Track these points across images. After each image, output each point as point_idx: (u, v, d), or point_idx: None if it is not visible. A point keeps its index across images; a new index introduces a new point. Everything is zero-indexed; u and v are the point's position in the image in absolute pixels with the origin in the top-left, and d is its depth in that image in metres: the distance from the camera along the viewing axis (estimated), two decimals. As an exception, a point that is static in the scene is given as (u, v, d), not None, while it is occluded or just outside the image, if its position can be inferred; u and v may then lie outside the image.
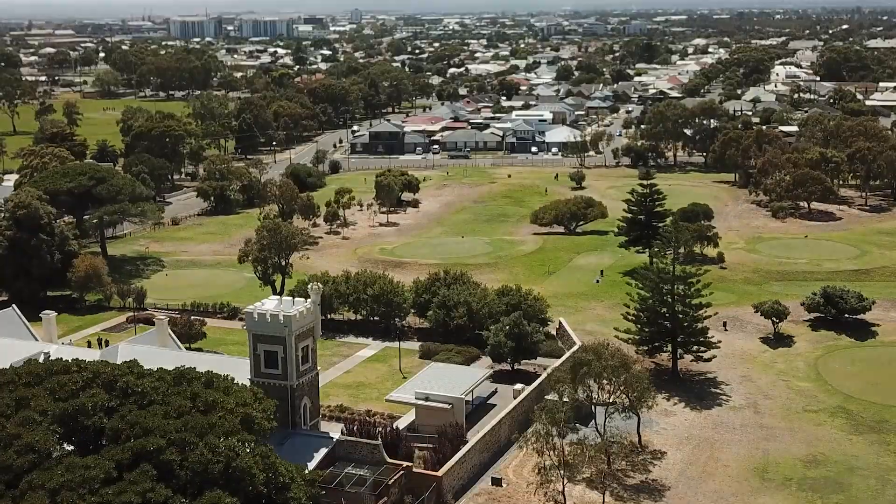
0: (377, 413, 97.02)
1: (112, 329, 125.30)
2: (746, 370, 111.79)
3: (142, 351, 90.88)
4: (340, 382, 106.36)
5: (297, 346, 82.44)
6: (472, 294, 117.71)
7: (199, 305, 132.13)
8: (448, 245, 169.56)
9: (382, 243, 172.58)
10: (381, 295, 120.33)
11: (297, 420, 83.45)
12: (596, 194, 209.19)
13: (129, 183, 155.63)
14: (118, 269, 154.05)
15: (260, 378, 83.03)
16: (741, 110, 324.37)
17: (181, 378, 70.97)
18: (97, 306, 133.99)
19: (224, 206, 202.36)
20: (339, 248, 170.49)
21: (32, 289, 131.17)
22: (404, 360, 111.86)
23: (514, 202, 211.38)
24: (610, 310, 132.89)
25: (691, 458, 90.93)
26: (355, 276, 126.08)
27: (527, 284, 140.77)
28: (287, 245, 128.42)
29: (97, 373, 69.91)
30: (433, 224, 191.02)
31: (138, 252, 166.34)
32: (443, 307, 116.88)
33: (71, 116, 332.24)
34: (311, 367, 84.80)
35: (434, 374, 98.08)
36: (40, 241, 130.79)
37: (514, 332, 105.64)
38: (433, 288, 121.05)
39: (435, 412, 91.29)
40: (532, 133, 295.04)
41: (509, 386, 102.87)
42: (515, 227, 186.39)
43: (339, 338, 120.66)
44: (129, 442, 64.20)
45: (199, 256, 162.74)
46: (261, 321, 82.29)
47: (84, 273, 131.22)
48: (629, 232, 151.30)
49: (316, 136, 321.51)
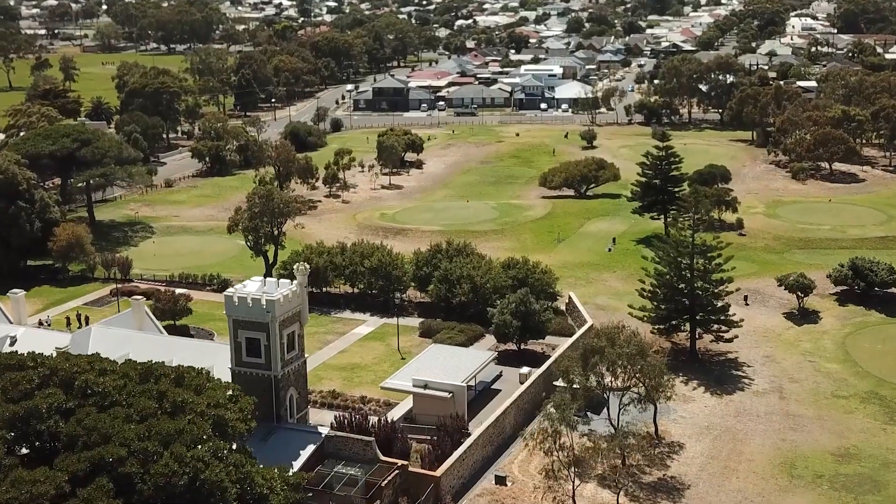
0: (372, 400, 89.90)
1: (94, 303, 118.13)
2: (770, 350, 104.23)
3: (116, 335, 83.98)
4: (334, 364, 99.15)
5: (282, 333, 75.19)
6: (475, 267, 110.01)
7: (188, 277, 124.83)
8: (452, 210, 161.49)
9: (383, 208, 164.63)
10: (380, 267, 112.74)
11: (283, 413, 76.37)
12: (607, 154, 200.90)
13: (116, 145, 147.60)
14: (105, 236, 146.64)
15: (241, 367, 75.95)
16: (757, 64, 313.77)
17: (148, 374, 63.72)
18: (80, 277, 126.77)
19: (220, 167, 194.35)
20: (338, 212, 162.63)
21: (11, 259, 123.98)
22: (403, 338, 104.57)
23: (523, 163, 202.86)
24: (623, 281, 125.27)
25: (712, 452, 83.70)
26: (352, 247, 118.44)
27: (534, 253, 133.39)
28: (280, 213, 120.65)
29: (54, 369, 62.71)
30: (437, 186, 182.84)
31: (127, 217, 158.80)
32: (444, 281, 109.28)
33: (68, 72, 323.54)
34: (298, 354, 77.54)
35: (434, 358, 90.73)
36: (19, 208, 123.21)
37: (521, 310, 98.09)
38: (434, 260, 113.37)
39: (434, 401, 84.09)
40: (541, 89, 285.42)
41: (515, 369, 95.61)
42: (523, 189, 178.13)
43: (335, 313, 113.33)
44: (86, 451, 57.12)
45: (191, 222, 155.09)
46: (241, 306, 74.91)
47: (66, 242, 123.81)
48: (643, 197, 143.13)
49: (318, 92, 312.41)
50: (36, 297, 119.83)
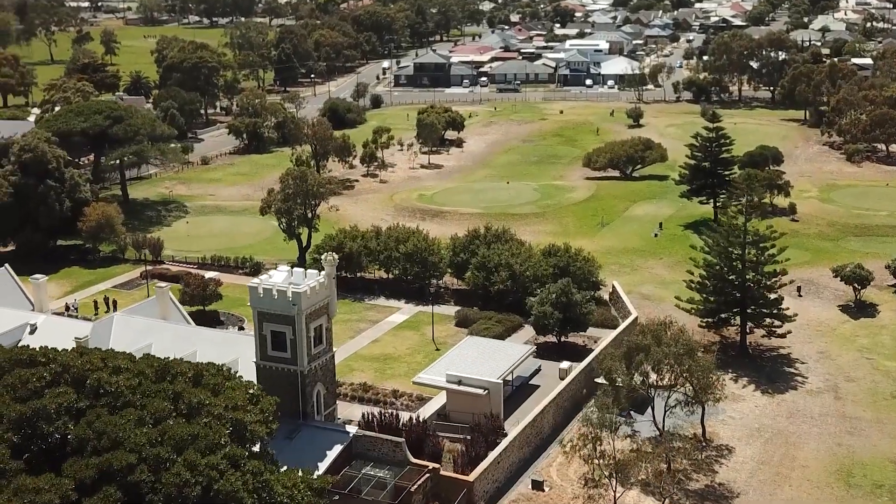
0: (404, 394, 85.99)
1: (124, 286, 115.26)
2: (824, 345, 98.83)
3: (138, 324, 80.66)
4: (367, 354, 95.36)
5: (309, 327, 71.44)
6: (514, 254, 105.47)
7: (219, 259, 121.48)
8: (492, 191, 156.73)
9: (422, 188, 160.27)
10: (415, 253, 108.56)
11: (309, 410, 72.73)
12: (654, 133, 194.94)
13: (149, 122, 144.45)
14: (138, 215, 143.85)
15: (266, 361, 72.37)
16: (809, 40, 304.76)
17: (164, 373, 60.13)
18: (111, 258, 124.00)
19: (257, 144, 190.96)
20: (375, 193, 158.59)
21: (39, 239, 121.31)
22: (439, 327, 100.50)
23: (566, 141, 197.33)
24: (669, 269, 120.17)
25: (763, 456, 78.82)
26: (387, 232, 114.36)
27: (577, 238, 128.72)
28: (314, 195, 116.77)
29: (66, 366, 59.25)
30: (477, 166, 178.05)
31: (162, 196, 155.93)
32: (482, 269, 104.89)
33: (109, 45, 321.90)
34: (326, 349, 73.77)
35: (469, 351, 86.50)
36: (48, 187, 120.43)
37: (561, 301, 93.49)
38: (472, 246, 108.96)
39: (469, 398, 79.94)
40: (587, 64, 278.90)
41: (555, 363, 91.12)
42: (566, 170, 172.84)
43: (369, 300, 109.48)
44: (94, 457, 53.76)
45: (226, 201, 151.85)
46: (266, 298, 71.20)
47: (96, 223, 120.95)
48: (692, 180, 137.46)
49: (359, 66, 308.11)
50: (65, 278, 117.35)
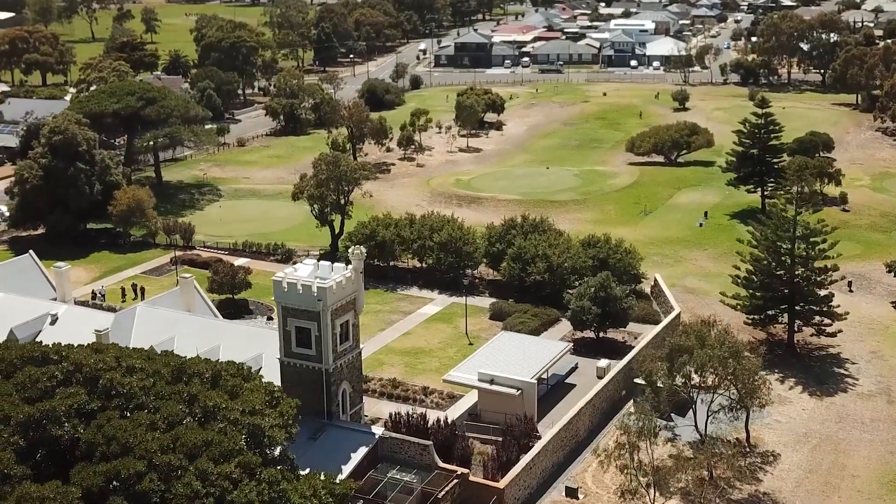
0: (434, 391, 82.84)
1: (153, 271, 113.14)
2: (877, 344, 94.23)
3: (161, 316, 78.14)
4: (397, 347, 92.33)
5: (335, 323, 68.41)
6: (552, 245, 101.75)
7: (251, 246, 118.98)
8: (531, 177, 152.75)
9: (459, 173, 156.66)
10: (449, 242, 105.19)
11: (334, 409, 69.83)
12: (701, 116, 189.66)
13: (183, 103, 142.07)
14: (171, 198, 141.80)
15: (290, 358, 69.54)
16: (862, 22, 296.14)
17: (181, 373, 57.44)
18: (141, 243, 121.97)
19: (294, 125, 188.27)
20: (411, 177, 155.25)
21: (69, 223, 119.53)
22: (472, 320, 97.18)
23: (609, 125, 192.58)
24: (714, 261, 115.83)
25: (811, 464, 74.77)
26: (421, 220, 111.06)
27: (618, 226, 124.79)
28: (347, 181, 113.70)
29: (79, 365, 56.81)
30: (517, 150, 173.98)
31: (196, 178, 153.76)
32: (518, 260, 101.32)
33: (149, 23, 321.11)
34: (353, 345, 70.80)
35: (503, 347, 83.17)
36: (78, 170, 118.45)
37: (600, 296, 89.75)
38: (508, 236, 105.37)
39: (501, 398, 76.67)
40: (632, 45, 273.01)
41: (593, 361, 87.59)
42: (608, 155, 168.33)
43: (401, 289, 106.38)
44: (103, 463, 51.23)
45: (260, 185, 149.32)
46: (291, 292, 68.25)
47: (126, 207, 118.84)
48: (739, 168, 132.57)
49: (399, 46, 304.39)
50: (94, 263, 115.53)
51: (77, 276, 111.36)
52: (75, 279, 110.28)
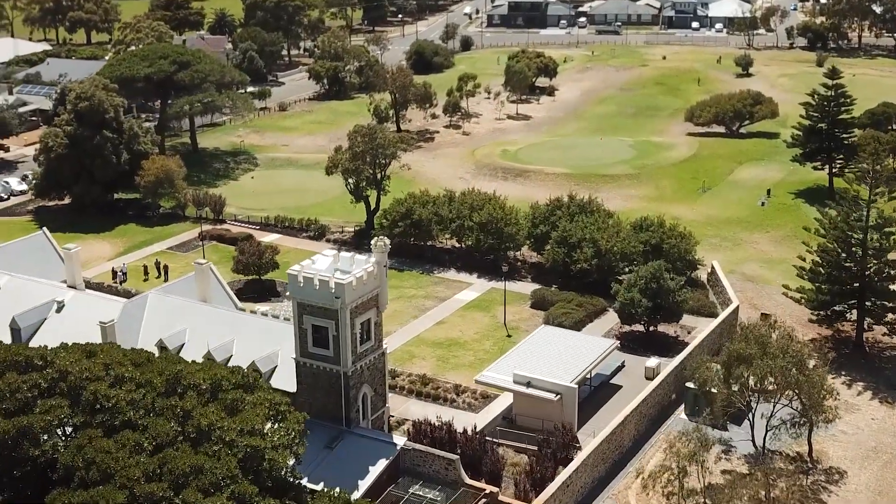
0: (466, 390, 76.43)
1: (180, 247, 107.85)
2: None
3: (173, 306, 72.66)
4: (430, 338, 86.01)
5: (354, 322, 62.37)
6: (600, 228, 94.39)
7: (283, 221, 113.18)
8: (583, 148, 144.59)
9: (506, 142, 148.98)
10: (490, 222, 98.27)
11: (354, 415, 63.95)
12: (765, 83, 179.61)
13: (218, 68, 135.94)
14: (205, 167, 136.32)
15: (307, 359, 63.79)
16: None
17: (176, 383, 51.63)
18: (170, 215, 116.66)
19: (338, 89, 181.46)
20: (456, 146, 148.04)
21: (96, 193, 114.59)
22: (512, 308, 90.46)
23: (667, 91, 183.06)
24: (776, 245, 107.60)
25: (880, 484, 67.39)
26: (460, 197, 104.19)
27: (674, 204, 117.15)
28: (384, 154, 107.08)
29: (64, 372, 51.40)
30: (569, 118, 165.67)
31: (233, 145, 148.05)
32: (563, 244, 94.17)
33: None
34: (374, 346, 64.72)
35: (543, 343, 76.41)
36: (104, 138, 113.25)
37: (652, 287, 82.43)
38: (553, 218, 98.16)
39: (538, 403, 70.11)
40: (693, 5, 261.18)
41: (641, 359, 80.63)
42: (666, 124, 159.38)
43: (438, 272, 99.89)
44: (81, 490, 45.78)
45: (299, 153, 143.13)
46: (307, 287, 62.26)
47: (154, 177, 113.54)
48: (806, 143, 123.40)
49: (451, 4, 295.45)
50: (119, 237, 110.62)
51: (101, 251, 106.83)
52: (98, 254, 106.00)
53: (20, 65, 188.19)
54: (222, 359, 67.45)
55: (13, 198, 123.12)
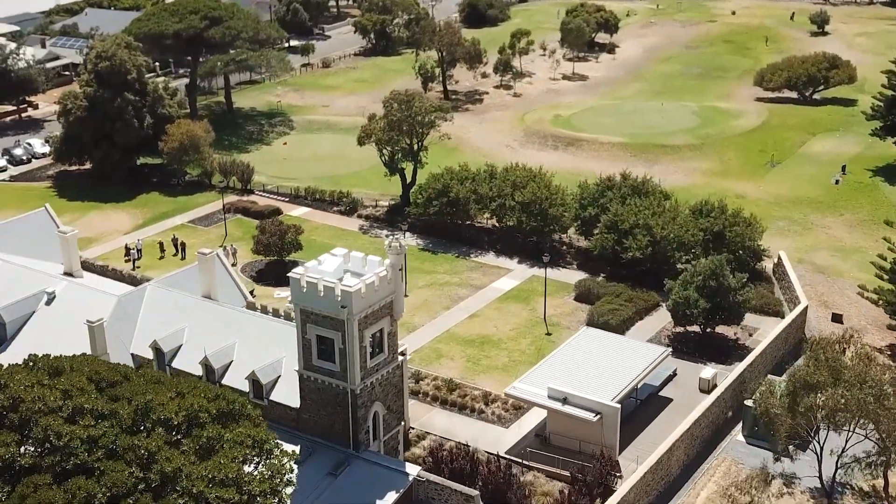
0: (497, 399, 68.47)
1: (203, 220, 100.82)
2: None
3: (172, 301, 65.57)
4: (461, 334, 78.05)
5: (363, 334, 54.56)
6: (655, 212, 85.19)
7: (314, 193, 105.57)
8: (642, 113, 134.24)
9: (560, 106, 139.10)
10: (533, 203, 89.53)
11: (363, 437, 56.44)
12: (841, 43, 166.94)
13: (252, 24, 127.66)
14: (238, 129, 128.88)
15: (311, 372, 56.30)
16: None
17: (144, 416, 44.46)
18: (196, 184, 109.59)
19: (385, 44, 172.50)
20: (505, 109, 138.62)
21: (117, 158, 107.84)
22: (554, 300, 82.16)
23: (736, 50, 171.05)
24: (851, 230, 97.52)
25: (969, 529, 58.31)
26: (502, 174, 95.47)
27: (739, 181, 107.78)
28: (421, 124, 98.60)
29: (16, 401, 44.46)
30: (629, 78, 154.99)
31: (269, 105, 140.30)
32: (613, 230, 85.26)
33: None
34: (388, 358, 56.98)
35: (584, 350, 68.02)
36: (125, 101, 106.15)
37: (710, 285, 73.41)
38: (602, 200, 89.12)
39: (575, 423, 62.00)
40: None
41: (695, 366, 72.08)
42: (733, 87, 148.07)
43: (475, 255, 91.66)
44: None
45: (337, 116, 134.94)
46: (311, 293, 54.57)
47: (178, 143, 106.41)
48: (888, 115, 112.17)
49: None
50: (140, 207, 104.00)
51: (118, 223, 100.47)
52: (116, 226, 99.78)
53: (60, 14, 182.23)
54: (221, 365, 60.45)
55: (35, 161, 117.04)
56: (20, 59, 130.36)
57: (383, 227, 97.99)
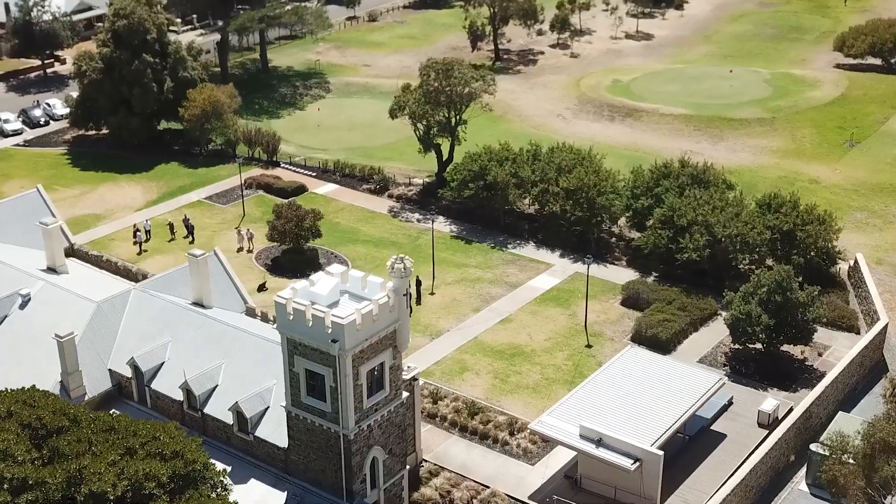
0: (524, 428, 59.91)
1: (221, 197, 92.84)
2: None
3: (157, 309, 58.03)
4: (490, 343, 69.49)
5: (359, 371, 46.37)
6: (716, 207, 75.23)
7: (343, 167, 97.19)
8: (709, 80, 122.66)
9: (619, 70, 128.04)
10: (580, 190, 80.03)
11: (357, 488, 48.46)
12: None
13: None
14: (270, 92, 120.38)
15: (299, 410, 48.38)
16: None
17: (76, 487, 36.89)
18: (219, 153, 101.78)
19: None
20: (560, 72, 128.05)
21: (136, 125, 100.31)
22: (598, 304, 73.18)
23: (815, 8, 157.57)
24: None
25: None
26: (547, 155, 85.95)
27: (813, 163, 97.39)
28: (460, 96, 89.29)
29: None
30: (696, 39, 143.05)
31: (307, 64, 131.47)
32: (668, 226, 75.60)
33: None
34: (390, 395, 48.75)
35: (624, 377, 58.99)
36: (144, 63, 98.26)
37: (775, 300, 63.80)
38: (657, 189, 79.30)
39: (610, 469, 53.37)
40: None
41: (755, 392, 62.97)
42: (810, 52, 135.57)
43: (512, 246, 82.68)
44: None
45: (378, 78, 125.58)
46: (298, 322, 46.49)
47: (200, 110, 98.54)
48: None
49: None
50: (156, 179, 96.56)
51: (131, 197, 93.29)
52: (128, 201, 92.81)
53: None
54: (203, 391, 52.88)
55: (54, 123, 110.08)
56: (45, 12, 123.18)
57: (415, 210, 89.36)
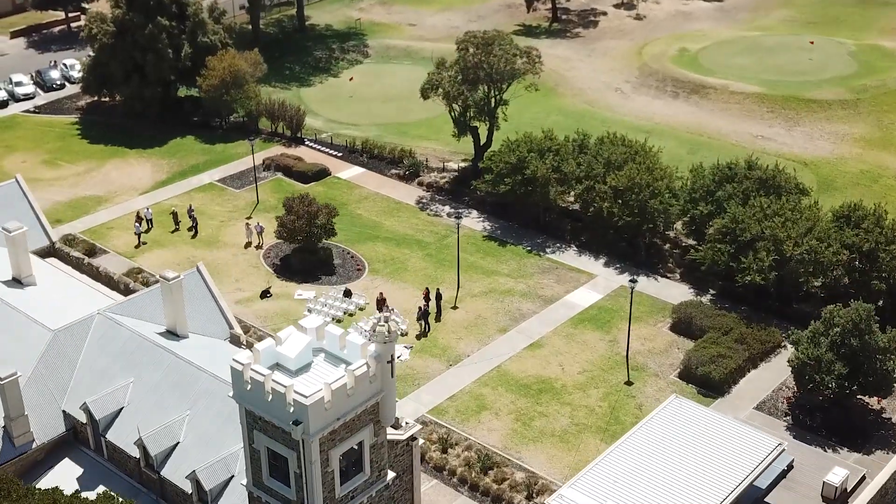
0: (544, 491, 51.06)
1: (235, 179, 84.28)
2: None
3: (123, 339, 50.47)
4: (514, 373, 60.52)
5: (330, 456, 37.95)
6: (787, 220, 64.73)
7: (372, 147, 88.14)
8: (786, 51, 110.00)
9: (687, 37, 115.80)
10: (630, 190, 69.97)
11: (330, 587, 40.21)
12: None
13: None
14: (303, 55, 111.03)
15: (261, 492, 40.12)
16: None
17: None
18: (241, 127, 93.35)
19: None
20: (621, 37, 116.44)
21: (150, 94, 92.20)
22: (646, 326, 63.96)
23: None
24: None
25: None
26: (596, 146, 75.77)
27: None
28: (500, 74, 79.32)
29: None
30: (775, 2, 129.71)
31: (347, 24, 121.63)
32: (728, 240, 65.38)
33: None
34: (370, 480, 40.36)
35: (664, 438, 49.82)
36: (159, 27, 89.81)
37: (850, 344, 53.78)
38: (718, 194, 68.83)
39: (639, 559, 44.56)
40: None
41: (819, 454, 53.49)
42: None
43: (551, 251, 73.16)
44: None
45: (422, 41, 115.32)
46: (256, 393, 38.06)
47: (218, 80, 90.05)
48: None
49: None
50: (168, 157, 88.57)
51: (139, 178, 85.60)
52: (134, 182, 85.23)
53: None
54: (160, 451, 45.12)
55: (70, 86, 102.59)
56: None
57: (445, 202, 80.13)
